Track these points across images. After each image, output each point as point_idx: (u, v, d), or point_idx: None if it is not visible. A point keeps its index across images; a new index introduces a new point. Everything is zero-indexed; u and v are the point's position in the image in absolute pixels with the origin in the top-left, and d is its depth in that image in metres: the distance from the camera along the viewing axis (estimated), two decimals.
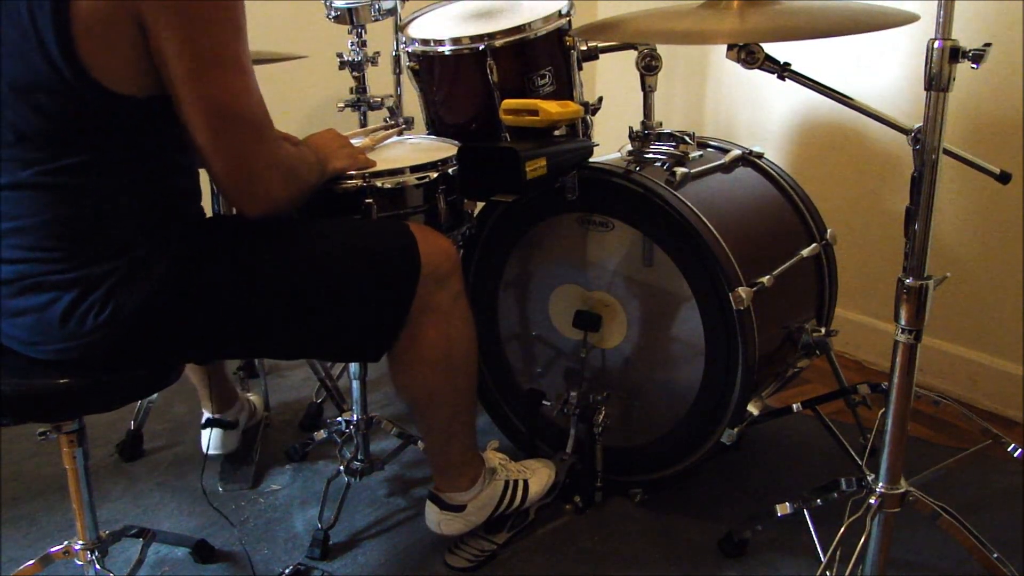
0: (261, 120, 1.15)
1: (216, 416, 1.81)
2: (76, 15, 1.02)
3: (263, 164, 1.17)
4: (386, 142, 1.66)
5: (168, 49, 1.05)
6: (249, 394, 1.99)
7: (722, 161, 1.72)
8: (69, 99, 1.07)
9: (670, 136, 1.69)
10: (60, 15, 1.02)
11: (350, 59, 2.02)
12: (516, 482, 1.61)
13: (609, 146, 1.78)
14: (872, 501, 1.26)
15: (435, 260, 1.33)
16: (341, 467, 1.71)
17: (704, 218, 1.49)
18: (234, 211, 1.23)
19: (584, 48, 1.67)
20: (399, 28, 1.75)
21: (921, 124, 1.10)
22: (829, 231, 1.76)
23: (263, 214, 1.22)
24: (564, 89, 1.61)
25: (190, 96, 1.09)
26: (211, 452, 1.82)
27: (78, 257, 1.13)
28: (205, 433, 1.81)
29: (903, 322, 1.17)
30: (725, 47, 1.21)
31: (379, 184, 1.42)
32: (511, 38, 1.53)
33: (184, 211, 1.27)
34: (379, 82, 2.10)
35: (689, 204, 1.50)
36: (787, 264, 1.61)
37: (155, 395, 1.87)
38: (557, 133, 1.58)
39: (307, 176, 1.31)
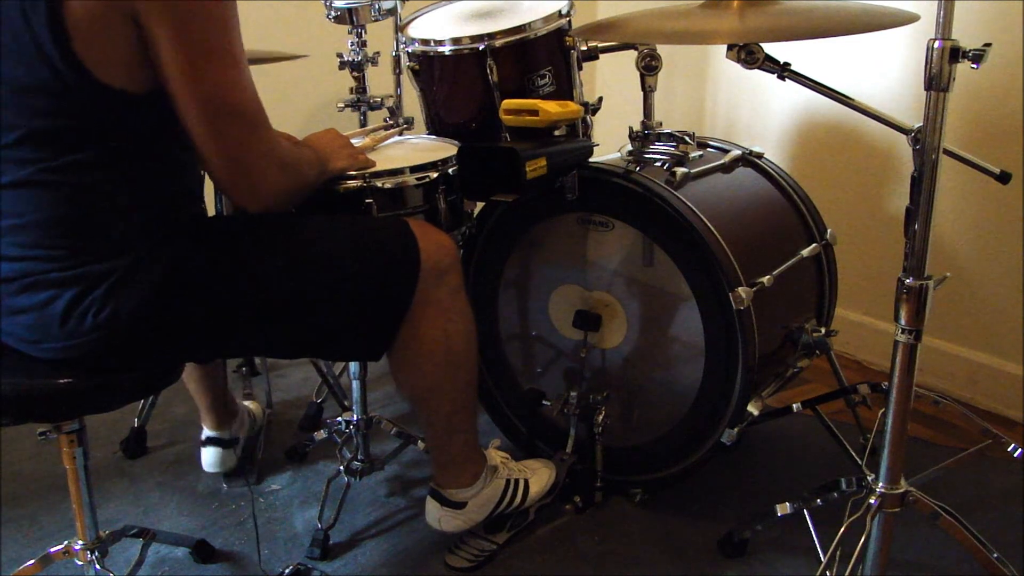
0: (256, 113, 1.15)
1: (215, 434, 1.81)
2: (70, 15, 1.02)
3: (259, 157, 1.17)
4: (386, 142, 1.66)
5: (162, 44, 1.06)
6: (248, 403, 1.98)
7: (722, 161, 1.72)
8: (69, 98, 1.07)
9: (670, 136, 1.69)
10: (54, 16, 1.02)
11: (350, 59, 2.02)
12: (517, 481, 1.61)
13: (609, 146, 1.78)
14: (872, 501, 1.26)
15: (434, 255, 1.33)
16: (341, 467, 1.71)
17: (704, 218, 1.49)
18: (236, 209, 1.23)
19: (584, 48, 1.67)
20: (399, 28, 1.75)
21: (921, 124, 1.10)
22: (829, 231, 1.76)
23: (262, 208, 1.22)
24: (564, 89, 1.61)
25: (185, 90, 1.09)
26: (209, 470, 1.82)
27: (78, 255, 1.13)
28: (204, 451, 1.81)
29: (903, 322, 1.17)
30: (725, 47, 1.21)
31: (379, 184, 1.42)
32: (511, 38, 1.53)
33: (185, 210, 1.27)
34: (379, 82, 2.10)
35: (689, 204, 1.50)
36: (787, 264, 1.61)
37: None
38: (557, 133, 1.57)
39: (306, 172, 1.30)
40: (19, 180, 1.11)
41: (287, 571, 1.52)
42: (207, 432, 1.81)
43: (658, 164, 1.63)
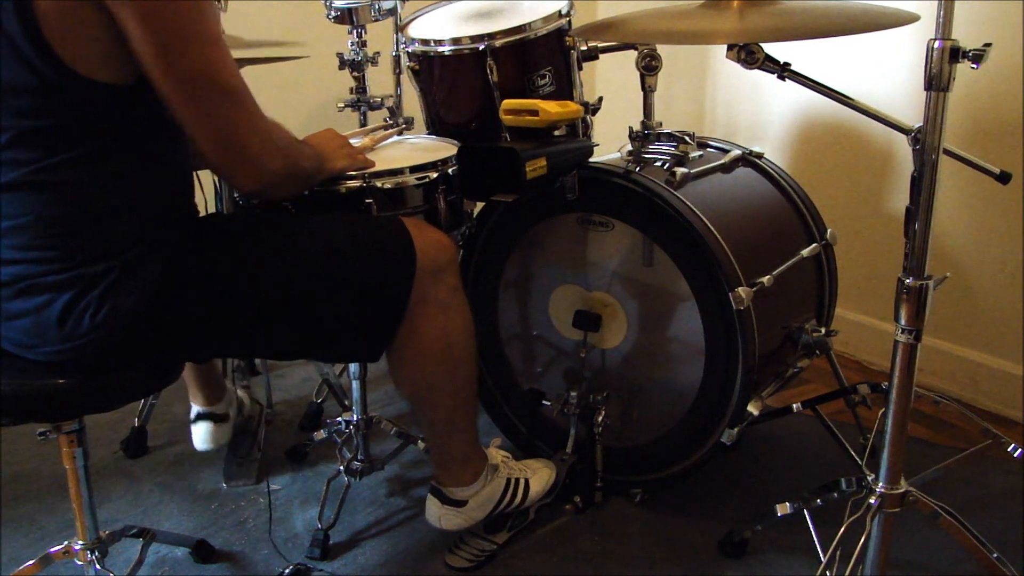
0: (237, 87, 1.14)
1: (206, 410, 1.80)
2: (39, 11, 1.02)
3: (251, 133, 1.16)
4: (386, 142, 1.66)
5: (133, 30, 1.05)
6: (238, 390, 1.98)
7: (722, 161, 1.72)
8: (53, 96, 1.07)
9: (670, 136, 1.69)
10: (25, 15, 1.02)
11: (350, 59, 2.02)
12: (517, 480, 1.61)
13: (609, 146, 1.78)
14: (872, 501, 1.26)
15: (431, 253, 1.33)
16: (341, 467, 1.71)
17: (704, 218, 1.49)
18: (235, 203, 1.22)
19: (584, 48, 1.67)
20: (399, 28, 1.75)
21: (921, 124, 1.10)
22: (829, 231, 1.76)
23: (257, 188, 1.22)
24: (564, 89, 1.61)
25: (163, 72, 1.08)
26: (202, 447, 1.80)
27: (74, 256, 1.13)
28: (196, 428, 1.79)
29: (903, 322, 1.17)
30: (725, 47, 1.20)
31: (379, 184, 1.42)
32: (511, 38, 1.53)
33: (181, 211, 1.27)
34: (379, 82, 2.10)
35: (689, 204, 1.50)
36: (787, 264, 1.61)
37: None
38: (557, 133, 1.58)
39: (303, 163, 1.30)
40: (13, 182, 1.11)
41: (287, 571, 1.52)
42: (197, 409, 1.80)
43: (658, 164, 1.63)
